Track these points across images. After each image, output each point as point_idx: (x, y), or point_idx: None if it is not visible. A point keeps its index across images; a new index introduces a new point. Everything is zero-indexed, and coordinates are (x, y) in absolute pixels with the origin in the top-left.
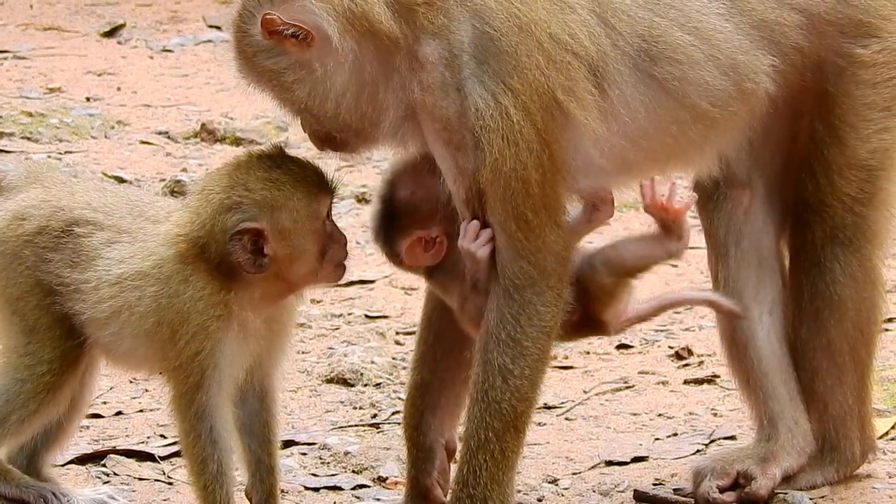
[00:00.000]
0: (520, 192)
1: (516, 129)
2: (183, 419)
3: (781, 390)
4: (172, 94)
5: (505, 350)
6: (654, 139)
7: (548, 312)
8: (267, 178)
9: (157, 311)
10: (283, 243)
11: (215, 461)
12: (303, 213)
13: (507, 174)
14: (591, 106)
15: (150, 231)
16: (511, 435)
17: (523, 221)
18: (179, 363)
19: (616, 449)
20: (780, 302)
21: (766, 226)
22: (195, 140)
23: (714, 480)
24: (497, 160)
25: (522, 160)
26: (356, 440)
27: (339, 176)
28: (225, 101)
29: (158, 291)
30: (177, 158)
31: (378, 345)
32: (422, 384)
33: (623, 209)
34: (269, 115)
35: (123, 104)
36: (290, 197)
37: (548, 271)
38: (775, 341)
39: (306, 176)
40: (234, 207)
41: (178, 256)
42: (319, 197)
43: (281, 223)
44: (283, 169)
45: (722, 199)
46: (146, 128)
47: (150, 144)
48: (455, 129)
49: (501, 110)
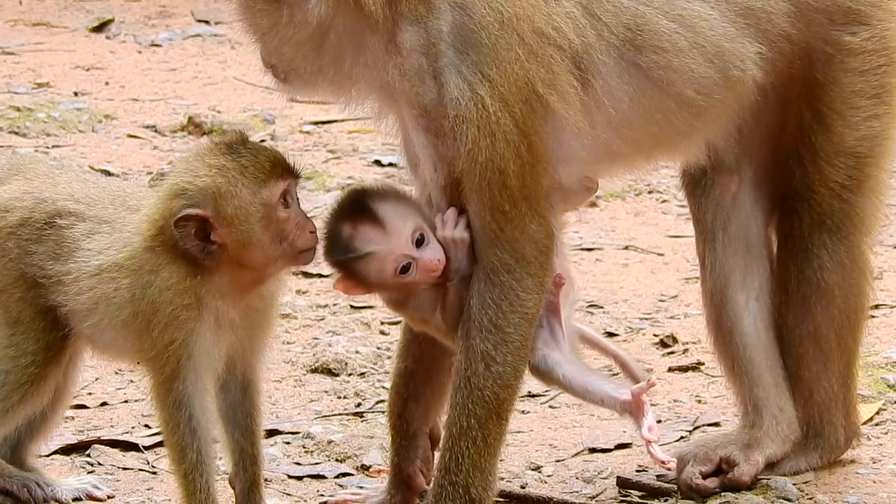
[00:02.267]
0: (496, 183)
1: (492, 119)
2: (162, 408)
3: (767, 377)
4: (160, 88)
5: (487, 336)
6: (638, 128)
7: (529, 299)
8: (214, 165)
9: (132, 301)
10: (230, 230)
11: (195, 450)
12: (246, 200)
13: (483, 164)
14: (573, 98)
15: (128, 221)
16: (493, 422)
17: (500, 212)
18: (155, 353)
19: (600, 436)
20: (767, 288)
21: (753, 212)
22: (182, 133)
23: (697, 466)
24: (472, 150)
25: (499, 151)
26: (340, 429)
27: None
28: (212, 94)
29: (133, 282)
30: (164, 152)
31: (363, 335)
32: (406, 372)
33: (609, 199)
34: (256, 109)
35: (111, 98)
36: (233, 184)
37: (527, 259)
38: (762, 328)
39: (256, 163)
40: (180, 194)
41: (147, 246)
42: (268, 183)
43: (225, 210)
44: (234, 156)
45: (710, 185)
46: (134, 122)
47: (137, 138)
48: (433, 117)
49: (478, 100)
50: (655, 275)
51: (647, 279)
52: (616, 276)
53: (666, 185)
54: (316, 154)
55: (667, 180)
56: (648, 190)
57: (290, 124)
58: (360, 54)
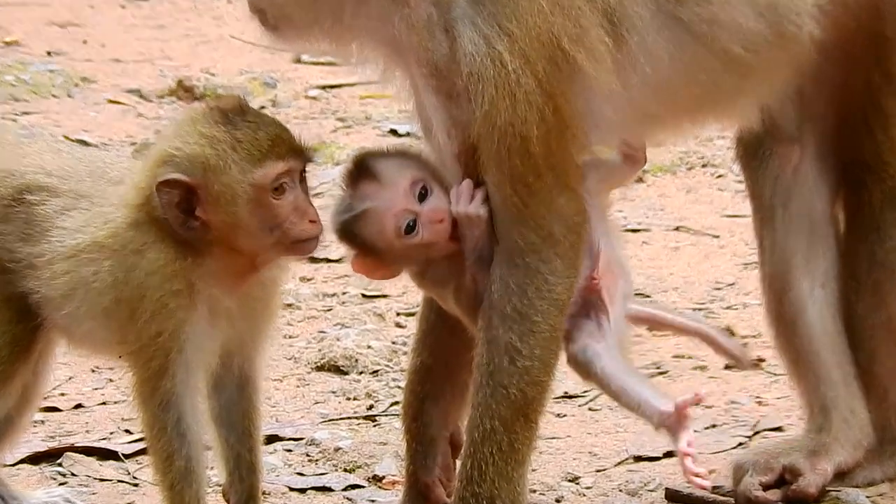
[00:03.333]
0: (518, 151)
1: (512, 78)
2: (146, 409)
3: (835, 374)
4: (146, 47)
5: (511, 326)
6: (679, 90)
7: (558, 283)
8: (206, 134)
9: (115, 286)
10: (216, 209)
11: (183, 457)
12: (236, 179)
13: (502, 129)
14: (604, 56)
15: (108, 195)
16: (521, 424)
17: (522, 184)
18: (140, 346)
19: (646, 443)
20: (833, 273)
21: (817, 186)
22: (171, 99)
23: (756, 476)
24: (490, 113)
25: (520, 114)
26: (349, 435)
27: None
28: (205, 55)
29: (115, 264)
30: (149, 120)
31: (375, 327)
32: (423, 369)
33: (657, 173)
34: (255, 71)
35: (90, 59)
36: (223, 158)
37: (555, 238)
38: (828, 318)
39: (253, 138)
40: (168, 160)
41: (132, 221)
42: (264, 164)
43: (212, 186)
44: (230, 126)
45: (768, 156)
46: (115, 85)
47: (119, 104)
48: (444, 76)
49: (495, 56)
50: (710, 259)
51: (701, 264)
52: (665, 260)
53: (722, 158)
54: (323, 123)
55: (723, 152)
56: (702, 163)
57: (293, 89)
58: (361, 4)
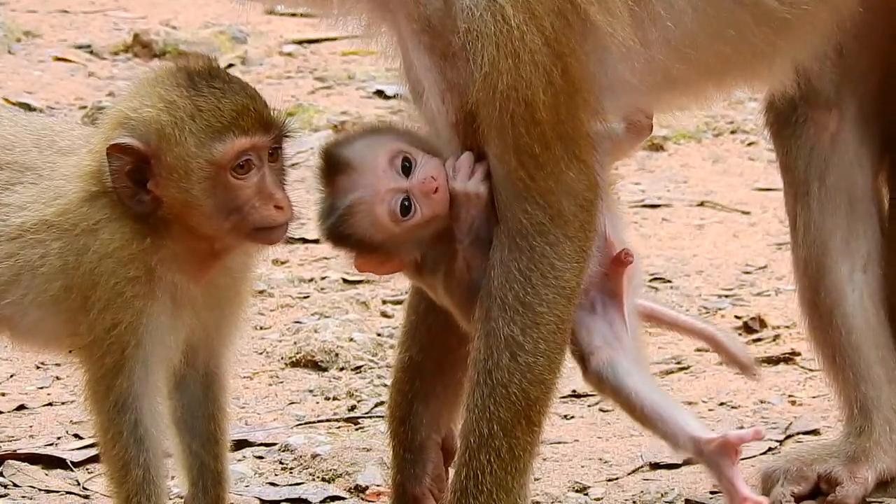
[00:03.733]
0: (523, 118)
1: (516, 35)
2: (100, 411)
3: (877, 370)
4: None
5: (513, 317)
6: (705, 48)
7: (567, 269)
8: (165, 98)
9: (64, 271)
10: (168, 183)
11: (140, 465)
12: (191, 152)
13: (504, 93)
14: (621, 9)
15: (58, 166)
16: (522, 428)
17: (528, 156)
18: (93, 339)
19: (664, 448)
20: (876, 256)
21: (858, 157)
22: (126, 56)
23: (788, 486)
24: (490, 75)
25: (525, 76)
26: (327, 439)
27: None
28: (165, 5)
29: (65, 246)
30: (102, 80)
31: (358, 317)
32: (412, 365)
33: (680, 140)
34: (222, 24)
35: (33, 10)
36: (179, 127)
37: (564, 216)
38: (870, 307)
39: (216, 107)
40: (122, 123)
41: (85, 196)
42: (223, 138)
43: (167, 156)
44: (193, 91)
45: (802, 123)
46: (62, 40)
47: (67, 62)
48: (438, 33)
49: (496, 10)
50: (739, 239)
51: (729, 244)
52: (688, 240)
53: (753, 123)
54: (300, 83)
55: (754, 116)
56: (731, 129)
57: (266, 44)
58: None
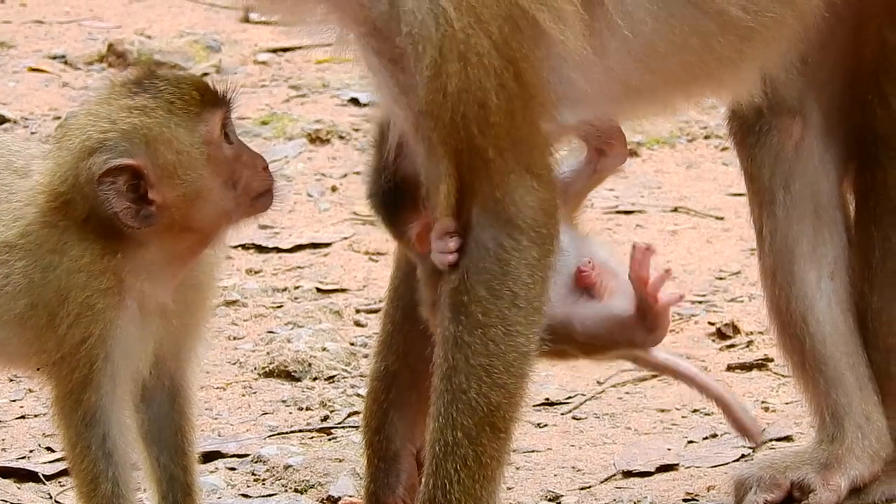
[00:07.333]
0: (476, 120)
1: (460, 38)
2: (68, 426)
3: (848, 377)
4: (72, 6)
5: (460, 319)
6: (668, 58)
7: (517, 276)
8: (132, 107)
9: (30, 290)
10: (172, 183)
11: (109, 479)
12: (186, 140)
13: (455, 95)
14: (573, 17)
15: (16, 188)
16: (488, 435)
17: (481, 160)
18: (62, 355)
19: (637, 456)
20: (844, 262)
21: (823, 164)
22: (101, 66)
23: (761, 494)
24: (438, 78)
25: (474, 79)
26: (300, 450)
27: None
28: (140, 14)
29: (29, 265)
30: (76, 90)
31: (332, 327)
32: (387, 375)
33: (655, 146)
34: (196, 32)
35: (7, 20)
36: (165, 123)
37: (516, 224)
38: (838, 314)
39: (182, 94)
40: (98, 148)
41: (46, 219)
42: (204, 115)
43: (162, 158)
44: (152, 92)
45: (766, 131)
46: (37, 51)
47: (41, 72)
48: (385, 37)
49: (439, 14)
50: (713, 245)
51: (703, 250)
52: (662, 246)
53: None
54: (275, 91)
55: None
56: (704, 134)
57: (240, 52)
58: None
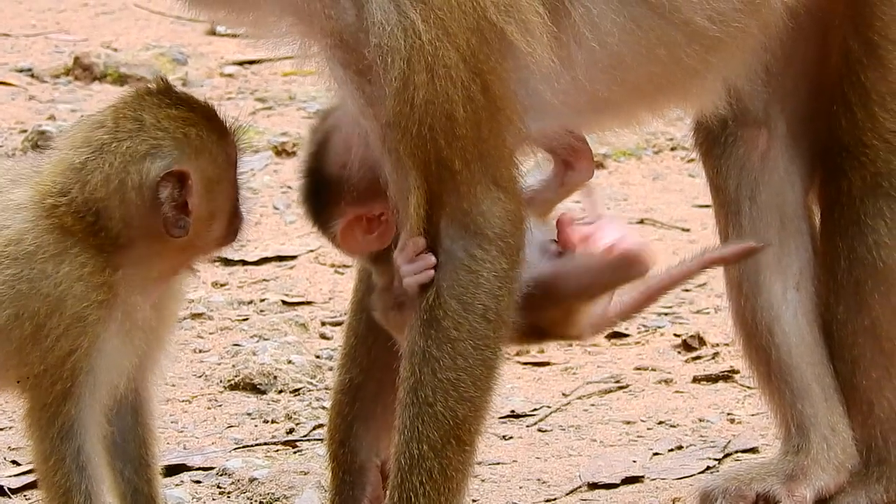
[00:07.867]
0: (443, 131)
1: (428, 50)
2: (42, 438)
3: (814, 388)
4: (38, 19)
5: (429, 332)
6: (634, 69)
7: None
8: (177, 116)
9: (14, 300)
10: (208, 196)
11: (82, 492)
12: (221, 157)
13: (422, 107)
14: (540, 29)
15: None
16: (453, 448)
17: (448, 171)
18: (45, 368)
19: (602, 468)
20: (809, 273)
21: (789, 175)
22: (67, 79)
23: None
24: (404, 89)
25: (441, 90)
26: (265, 463)
27: (253, 121)
28: (106, 27)
29: (16, 275)
30: (43, 103)
31: (297, 339)
32: (351, 387)
33: (621, 158)
34: (162, 45)
35: None
36: (208, 139)
37: (484, 236)
38: (804, 325)
39: (212, 114)
40: (152, 152)
41: (49, 228)
42: (229, 140)
43: (206, 170)
44: (187, 106)
45: (732, 142)
46: (3, 64)
47: (7, 85)
48: (352, 48)
49: (408, 25)
50: (679, 256)
51: (669, 262)
52: None
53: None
54: (241, 103)
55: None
56: (671, 146)
57: (206, 65)
58: None
